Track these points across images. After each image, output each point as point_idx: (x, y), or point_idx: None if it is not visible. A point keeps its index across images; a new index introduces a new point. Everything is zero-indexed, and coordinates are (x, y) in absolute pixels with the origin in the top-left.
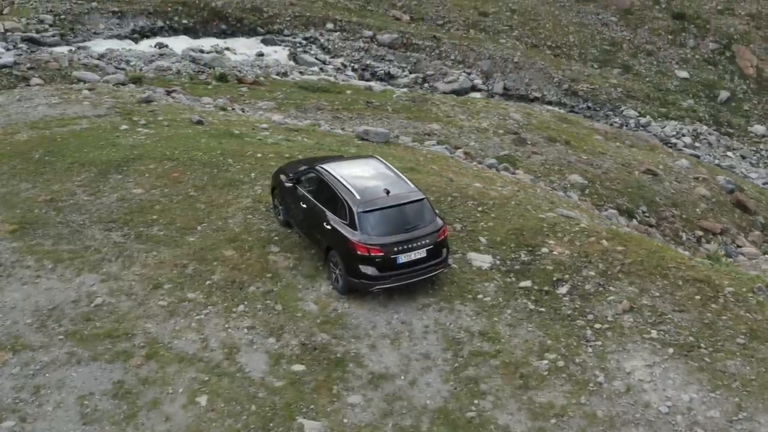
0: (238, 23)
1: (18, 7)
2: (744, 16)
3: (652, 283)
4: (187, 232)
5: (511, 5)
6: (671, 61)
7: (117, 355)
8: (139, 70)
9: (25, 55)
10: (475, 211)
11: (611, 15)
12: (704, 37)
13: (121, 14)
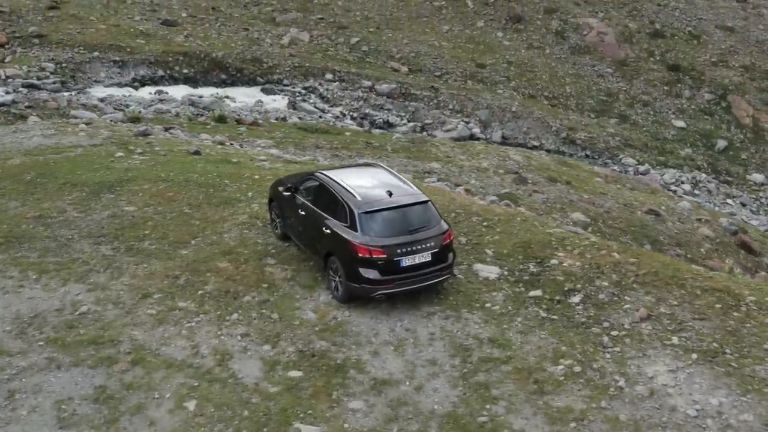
0: (238, 73)
1: (20, 56)
2: (738, 67)
3: (669, 293)
4: (180, 246)
5: (508, 57)
6: (668, 111)
7: (100, 360)
8: (138, 112)
9: (24, 95)
10: (480, 226)
11: (607, 67)
12: (699, 88)
13: (123, 63)
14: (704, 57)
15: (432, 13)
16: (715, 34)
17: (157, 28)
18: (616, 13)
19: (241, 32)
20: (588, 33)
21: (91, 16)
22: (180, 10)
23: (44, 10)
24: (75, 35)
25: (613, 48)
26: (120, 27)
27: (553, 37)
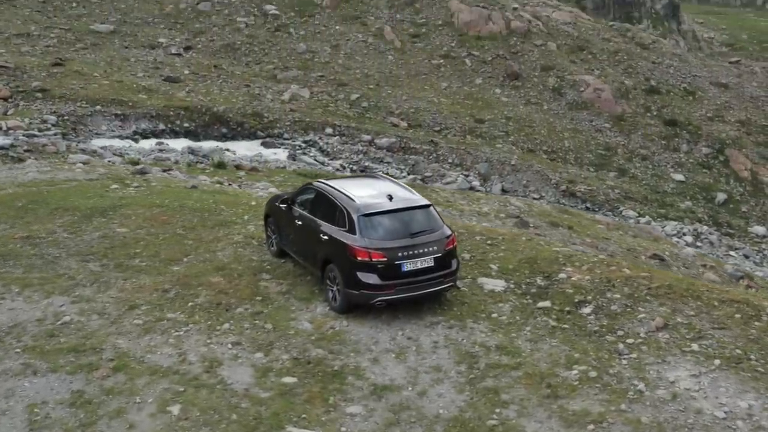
0: (239, 127)
1: (22, 109)
2: (734, 122)
3: (685, 305)
4: (171, 263)
5: (506, 113)
6: (666, 165)
7: (80, 367)
8: (138, 158)
9: (23, 140)
10: (484, 244)
11: (604, 122)
12: (697, 142)
13: (124, 117)
14: (700, 112)
15: (430, 70)
16: (710, 90)
17: (159, 84)
18: (612, 70)
19: (242, 88)
20: (585, 89)
21: (94, 72)
22: (183, 68)
23: (48, 66)
24: (78, 90)
25: (610, 103)
26: (123, 83)
27: (550, 93)
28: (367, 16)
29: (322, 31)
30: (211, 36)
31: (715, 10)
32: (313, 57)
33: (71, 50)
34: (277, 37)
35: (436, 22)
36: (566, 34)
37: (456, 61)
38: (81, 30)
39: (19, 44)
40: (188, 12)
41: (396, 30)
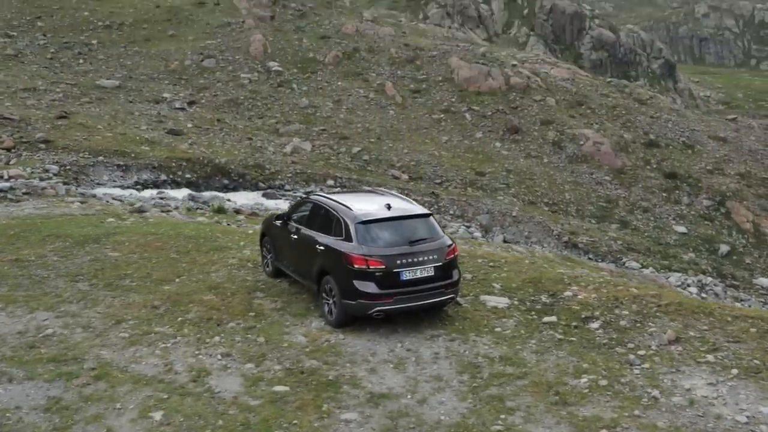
0: (240, 178)
1: (25, 159)
2: (734, 175)
3: (697, 320)
4: (162, 283)
5: (507, 166)
6: (668, 217)
7: (59, 375)
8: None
9: (23, 183)
10: (486, 266)
11: (605, 174)
12: (698, 195)
13: (126, 167)
14: (700, 165)
15: (431, 125)
16: (709, 144)
17: (162, 137)
18: (611, 124)
19: (244, 141)
20: (584, 143)
21: (98, 125)
22: (186, 121)
23: (53, 119)
24: (81, 141)
25: (609, 157)
26: (126, 135)
27: (550, 146)
28: (368, 72)
29: (324, 87)
30: (214, 91)
31: (710, 70)
32: (315, 111)
33: (76, 104)
34: (280, 92)
35: (436, 78)
36: (565, 89)
37: (456, 115)
38: (87, 85)
39: (25, 98)
40: (193, 68)
41: (397, 86)
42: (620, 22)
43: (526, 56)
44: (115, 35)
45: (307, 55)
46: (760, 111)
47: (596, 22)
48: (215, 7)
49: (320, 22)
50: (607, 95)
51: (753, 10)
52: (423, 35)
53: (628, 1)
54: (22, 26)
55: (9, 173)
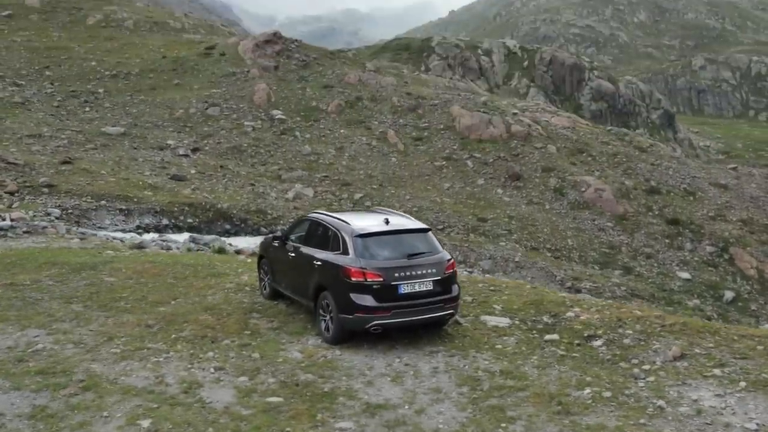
0: (242, 223)
1: (28, 202)
2: (736, 222)
3: (702, 339)
4: (158, 305)
5: (509, 212)
6: (671, 263)
7: (46, 386)
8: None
9: (23, 222)
10: (487, 290)
11: (607, 221)
12: (700, 241)
13: (128, 212)
14: (702, 212)
15: (433, 171)
16: (710, 190)
17: (165, 182)
18: (612, 171)
19: (247, 187)
20: (586, 190)
21: (102, 170)
22: (189, 168)
23: (57, 164)
24: (84, 186)
25: (611, 203)
26: (129, 180)
27: (551, 193)
28: (371, 121)
29: (326, 135)
30: (218, 138)
31: (709, 121)
32: (318, 159)
33: (81, 150)
34: (283, 140)
35: (438, 126)
36: (565, 137)
37: (458, 162)
38: (92, 132)
39: (30, 144)
40: (197, 116)
41: (399, 134)
42: (619, 74)
43: (527, 105)
44: (122, 84)
45: (310, 104)
46: (760, 160)
47: (595, 73)
48: (221, 57)
49: (323, 72)
50: (607, 143)
51: (749, 62)
52: (425, 85)
53: (626, 54)
54: (31, 75)
55: (11, 216)
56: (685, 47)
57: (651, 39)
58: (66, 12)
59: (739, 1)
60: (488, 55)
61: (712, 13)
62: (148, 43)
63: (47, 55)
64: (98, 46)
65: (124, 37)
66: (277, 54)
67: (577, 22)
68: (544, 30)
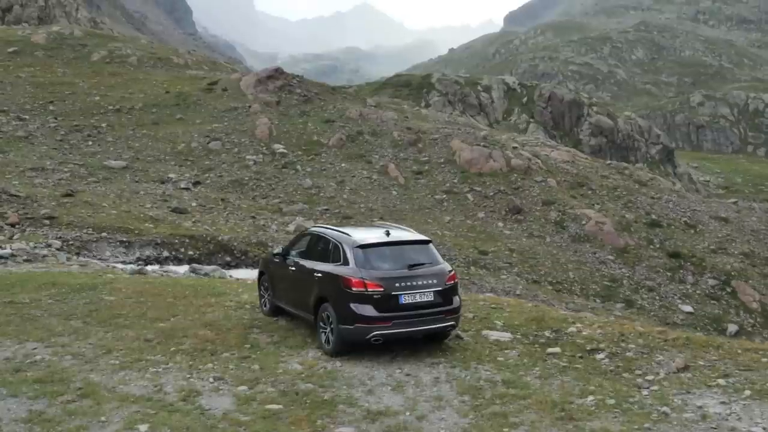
0: (243, 256)
1: (29, 234)
2: (738, 255)
3: (706, 352)
4: (157, 321)
5: (510, 245)
6: (674, 296)
7: (44, 393)
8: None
9: (23, 251)
10: (488, 307)
11: (608, 254)
12: (702, 274)
13: (129, 244)
14: (703, 245)
15: (434, 205)
16: (711, 224)
17: (166, 215)
18: (612, 204)
19: (248, 219)
20: (586, 223)
21: (103, 203)
22: (191, 201)
23: (59, 197)
24: (86, 218)
25: (612, 236)
26: (130, 213)
27: (552, 226)
28: (371, 154)
29: (327, 168)
30: (220, 172)
31: (708, 156)
32: (319, 192)
33: (83, 183)
34: (284, 173)
35: (438, 160)
36: (565, 171)
37: (458, 196)
38: (94, 166)
39: (32, 177)
40: (199, 150)
41: (400, 167)
42: (617, 110)
43: (527, 140)
44: (125, 119)
45: (312, 138)
46: (760, 195)
47: (594, 109)
48: (223, 92)
49: (324, 107)
50: (607, 177)
51: (747, 99)
52: (425, 119)
53: (625, 91)
54: (35, 110)
55: (12, 247)
56: (683, 84)
57: (649, 76)
58: (71, 48)
59: (735, 39)
60: (488, 91)
61: (709, 50)
62: (151, 78)
63: (52, 90)
64: (102, 82)
65: (128, 72)
66: (279, 89)
67: (576, 60)
68: (543, 67)
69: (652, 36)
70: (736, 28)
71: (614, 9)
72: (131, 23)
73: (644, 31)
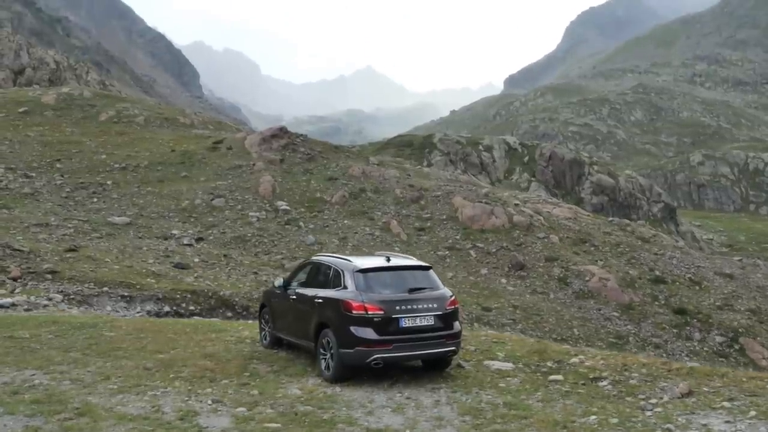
0: (244, 311)
1: (30, 288)
2: (744, 311)
3: (710, 381)
4: (157, 353)
5: (513, 301)
6: (681, 353)
7: (41, 411)
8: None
9: (26, 301)
10: (490, 342)
11: (613, 310)
12: (709, 331)
13: (130, 298)
14: (708, 301)
15: (436, 261)
16: (716, 280)
17: (168, 270)
18: (616, 261)
19: (250, 275)
20: (590, 279)
21: (106, 258)
22: (193, 256)
23: (62, 251)
24: (88, 273)
25: (616, 293)
26: (133, 268)
27: (556, 283)
28: (374, 211)
29: (330, 225)
30: (222, 228)
31: (710, 215)
32: (321, 248)
33: (86, 239)
34: (287, 230)
35: (440, 216)
36: (567, 228)
37: (461, 252)
38: (98, 222)
39: (36, 232)
40: (203, 207)
41: (402, 224)
42: (618, 169)
43: (528, 197)
44: (130, 176)
45: (315, 195)
46: (764, 253)
47: (595, 168)
48: (228, 151)
49: (328, 165)
50: (609, 233)
51: (746, 158)
52: (427, 177)
53: (625, 151)
54: (42, 168)
55: (14, 300)
56: (683, 144)
57: (648, 136)
58: (80, 108)
59: (732, 101)
60: (489, 150)
61: (707, 111)
62: (158, 137)
63: (59, 148)
64: (109, 140)
65: (135, 131)
66: (283, 148)
67: (575, 121)
68: (543, 128)
69: (650, 98)
70: (733, 90)
71: (612, 72)
72: (140, 86)
73: (642, 93)
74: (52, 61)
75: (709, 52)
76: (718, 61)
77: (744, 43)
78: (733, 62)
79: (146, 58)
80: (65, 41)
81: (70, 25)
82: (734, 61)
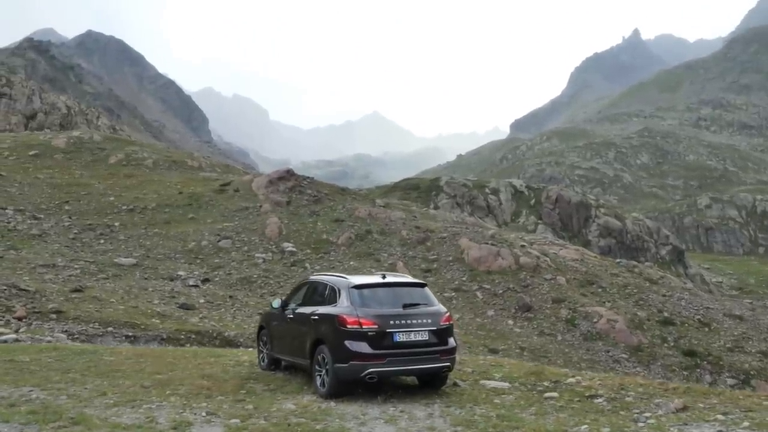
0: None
1: (35, 328)
2: (755, 353)
3: (706, 399)
4: (155, 374)
5: (520, 343)
6: None
7: (36, 420)
8: None
9: (28, 337)
10: (487, 365)
11: (621, 352)
12: (720, 373)
13: (134, 338)
14: (718, 343)
15: (443, 302)
16: (725, 321)
17: (173, 311)
18: (624, 302)
19: (255, 316)
20: (598, 320)
21: (112, 298)
22: (198, 297)
23: (68, 292)
24: (93, 313)
25: (624, 334)
26: (138, 308)
27: (563, 324)
28: (380, 253)
29: (336, 266)
30: (228, 270)
31: (720, 258)
32: None
33: (92, 280)
34: (293, 271)
35: (446, 258)
36: (574, 269)
37: (467, 293)
38: (105, 263)
39: (43, 273)
40: (209, 248)
41: (408, 265)
42: (625, 212)
43: (535, 238)
44: (137, 218)
45: (321, 237)
46: None
47: (602, 210)
48: (235, 193)
49: (334, 207)
50: (617, 275)
51: (754, 201)
52: (433, 219)
53: (632, 194)
54: (50, 209)
55: (16, 337)
56: (689, 187)
57: (655, 180)
58: (89, 152)
59: (737, 144)
60: (496, 193)
61: (713, 155)
62: (165, 180)
63: (68, 190)
64: (117, 183)
65: (144, 174)
66: (290, 190)
67: (582, 164)
68: (550, 171)
69: (655, 141)
70: (738, 134)
71: (617, 116)
72: (149, 131)
73: (648, 137)
74: (63, 106)
75: (713, 97)
76: (723, 105)
77: (748, 88)
78: (738, 106)
79: (156, 103)
80: (77, 87)
81: (83, 72)
82: (739, 106)
